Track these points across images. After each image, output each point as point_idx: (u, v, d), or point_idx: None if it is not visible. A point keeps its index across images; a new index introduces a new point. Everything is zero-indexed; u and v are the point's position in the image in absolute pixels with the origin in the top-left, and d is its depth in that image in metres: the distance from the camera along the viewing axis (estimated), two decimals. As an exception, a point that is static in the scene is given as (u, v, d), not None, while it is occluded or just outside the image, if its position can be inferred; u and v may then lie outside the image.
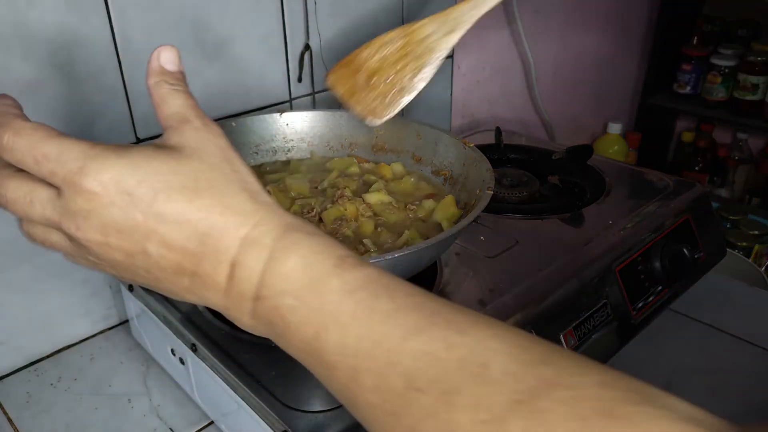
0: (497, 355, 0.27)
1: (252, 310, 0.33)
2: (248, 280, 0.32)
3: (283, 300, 0.31)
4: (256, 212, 0.33)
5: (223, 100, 0.78)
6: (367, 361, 0.29)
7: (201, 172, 0.33)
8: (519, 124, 1.33)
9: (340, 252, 0.32)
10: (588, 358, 0.27)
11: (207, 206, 0.32)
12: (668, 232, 0.74)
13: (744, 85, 1.52)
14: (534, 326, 0.58)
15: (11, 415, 0.64)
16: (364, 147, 0.74)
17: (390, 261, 0.47)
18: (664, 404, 0.24)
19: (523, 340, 0.28)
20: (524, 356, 0.27)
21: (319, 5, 0.82)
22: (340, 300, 0.30)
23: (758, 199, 1.66)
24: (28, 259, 0.67)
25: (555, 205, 0.78)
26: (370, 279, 0.31)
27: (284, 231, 0.33)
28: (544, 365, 0.26)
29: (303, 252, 0.32)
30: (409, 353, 0.28)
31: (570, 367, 0.26)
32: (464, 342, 0.27)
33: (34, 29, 0.60)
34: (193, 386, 0.62)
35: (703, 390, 0.66)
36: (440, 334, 0.28)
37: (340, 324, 0.30)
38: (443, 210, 0.62)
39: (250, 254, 0.32)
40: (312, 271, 0.31)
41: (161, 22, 0.68)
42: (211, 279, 0.33)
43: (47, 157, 0.32)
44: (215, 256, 0.32)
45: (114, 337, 0.75)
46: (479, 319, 0.29)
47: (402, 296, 0.30)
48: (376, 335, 0.29)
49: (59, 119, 0.64)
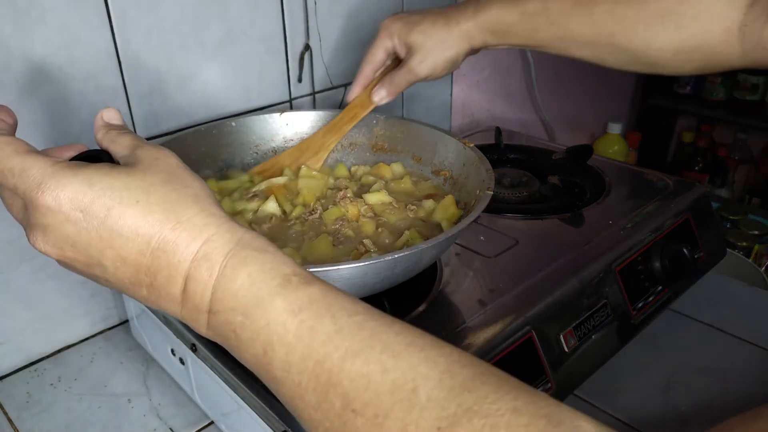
0: (427, 380, 0.28)
1: (207, 322, 0.34)
2: (202, 294, 0.33)
3: (234, 317, 0.32)
4: (207, 227, 0.34)
5: (223, 100, 0.78)
6: (310, 380, 0.30)
7: (153, 187, 0.35)
8: (519, 124, 1.33)
9: (287, 270, 0.33)
10: (509, 379, 0.29)
11: (159, 221, 0.34)
12: (668, 232, 0.74)
13: (744, 85, 1.52)
14: (534, 326, 0.58)
15: (11, 415, 0.64)
16: (364, 147, 0.74)
17: (390, 261, 0.47)
18: (574, 427, 0.26)
19: (453, 365, 0.29)
20: (450, 382, 0.28)
21: (319, 5, 0.82)
22: (284, 320, 0.31)
23: (758, 199, 1.66)
24: (28, 259, 0.67)
25: (555, 205, 0.78)
26: (314, 299, 0.32)
27: (234, 247, 0.34)
28: (467, 392, 0.28)
29: (250, 270, 0.33)
30: (347, 375, 0.29)
31: (489, 395, 0.27)
32: (397, 366, 0.29)
33: (35, 29, 0.60)
34: (193, 386, 0.62)
35: (703, 390, 0.66)
36: (376, 357, 0.29)
37: (285, 344, 0.31)
38: (443, 210, 0.62)
39: (201, 270, 0.33)
40: (258, 290, 0.32)
41: (161, 22, 0.68)
42: (166, 291, 0.34)
43: (12, 172, 0.34)
44: (168, 270, 0.34)
45: (114, 337, 0.75)
46: (415, 341, 0.30)
47: (344, 316, 0.31)
48: (318, 356, 0.30)
49: (59, 119, 0.64)
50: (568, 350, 0.60)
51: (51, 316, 0.71)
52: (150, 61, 0.69)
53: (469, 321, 0.57)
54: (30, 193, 0.34)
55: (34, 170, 0.34)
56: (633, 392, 0.66)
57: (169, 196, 0.35)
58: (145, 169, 0.36)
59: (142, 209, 0.34)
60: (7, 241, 0.64)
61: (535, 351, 0.58)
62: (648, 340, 0.72)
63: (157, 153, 0.37)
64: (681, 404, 0.65)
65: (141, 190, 0.34)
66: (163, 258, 0.33)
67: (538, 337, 0.58)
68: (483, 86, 1.20)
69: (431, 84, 1.05)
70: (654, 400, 0.65)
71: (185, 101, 0.74)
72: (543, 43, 0.65)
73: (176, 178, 0.36)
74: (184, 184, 0.36)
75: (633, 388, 0.67)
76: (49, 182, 0.33)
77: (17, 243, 0.65)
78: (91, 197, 0.33)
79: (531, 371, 0.57)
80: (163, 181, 0.35)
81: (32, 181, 0.34)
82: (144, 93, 0.70)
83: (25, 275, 0.67)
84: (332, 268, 0.46)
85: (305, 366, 0.30)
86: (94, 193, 0.33)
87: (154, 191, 0.34)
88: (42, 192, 0.33)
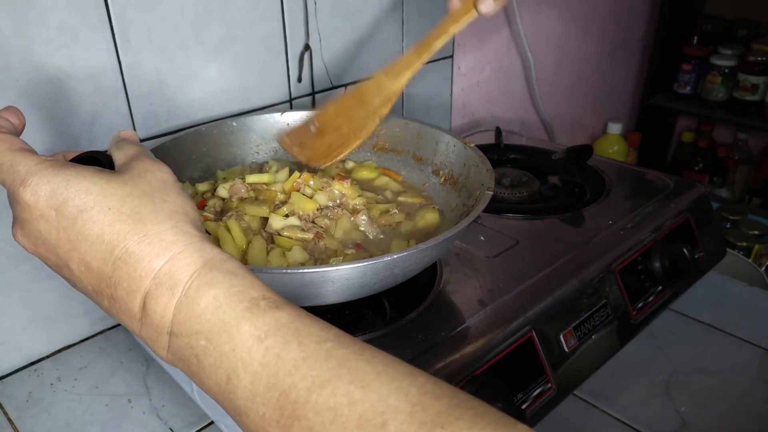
0: (397, 414, 0.27)
1: (168, 344, 0.33)
2: (162, 315, 0.32)
3: (197, 341, 0.31)
4: (174, 244, 0.33)
5: (223, 100, 0.78)
6: (274, 412, 0.29)
7: (130, 197, 0.34)
8: (519, 124, 1.33)
9: (254, 293, 0.32)
10: (487, 411, 0.27)
11: (125, 232, 0.33)
12: (668, 232, 0.74)
13: (744, 85, 1.52)
14: (534, 326, 0.58)
15: (11, 415, 0.64)
16: (365, 146, 0.74)
17: (390, 261, 0.47)
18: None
19: (426, 396, 0.27)
20: (422, 416, 0.26)
21: (319, 5, 0.82)
22: (250, 346, 0.30)
23: (758, 199, 1.66)
24: (28, 259, 0.67)
25: (555, 205, 0.78)
26: (281, 324, 0.30)
27: (201, 267, 0.33)
28: (440, 428, 0.26)
29: (216, 292, 0.31)
30: (313, 408, 0.28)
31: (463, 430, 0.26)
32: (366, 398, 0.27)
33: (35, 29, 0.60)
34: (193, 386, 0.62)
35: (703, 390, 0.66)
36: (344, 388, 0.28)
37: (250, 372, 0.30)
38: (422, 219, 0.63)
39: (163, 288, 0.32)
40: (223, 314, 0.31)
41: (161, 22, 0.68)
42: (125, 306, 0.33)
43: (2, 167, 0.35)
44: (128, 283, 0.33)
45: (114, 337, 0.75)
46: (386, 369, 0.29)
47: (312, 342, 0.30)
48: (284, 386, 0.29)
49: (59, 119, 0.64)
50: (568, 350, 0.60)
51: (51, 315, 0.71)
52: (150, 61, 0.69)
53: (469, 321, 0.57)
54: (13, 186, 0.35)
55: (21, 166, 0.35)
56: (633, 392, 0.66)
57: (143, 208, 0.34)
58: (128, 179, 0.36)
59: (111, 217, 0.33)
60: (7, 241, 0.64)
61: (535, 351, 0.58)
62: (648, 340, 0.72)
63: (150, 166, 0.37)
64: (681, 404, 0.65)
65: (116, 198, 0.34)
66: (124, 270, 0.33)
67: (538, 337, 0.58)
68: (483, 86, 1.20)
69: (431, 84, 1.06)
70: (654, 400, 0.65)
71: (185, 101, 0.74)
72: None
73: (158, 192, 0.36)
74: (164, 198, 0.35)
75: (633, 388, 0.67)
76: (31, 179, 0.34)
77: (17, 243, 0.65)
78: (66, 197, 0.34)
79: (531, 371, 0.57)
80: (142, 193, 0.35)
81: (17, 176, 0.35)
82: (144, 93, 0.70)
83: (25, 275, 0.67)
84: (331, 268, 0.46)
85: (270, 397, 0.29)
86: (69, 194, 0.34)
87: (129, 201, 0.34)
88: (24, 187, 0.34)
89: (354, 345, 0.30)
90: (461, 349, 0.54)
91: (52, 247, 0.35)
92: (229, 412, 0.32)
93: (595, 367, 0.63)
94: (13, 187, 0.35)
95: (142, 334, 0.34)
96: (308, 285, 0.48)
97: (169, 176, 0.38)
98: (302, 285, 0.48)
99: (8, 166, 0.35)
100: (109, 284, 0.33)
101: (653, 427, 0.62)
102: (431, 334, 0.55)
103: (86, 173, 0.35)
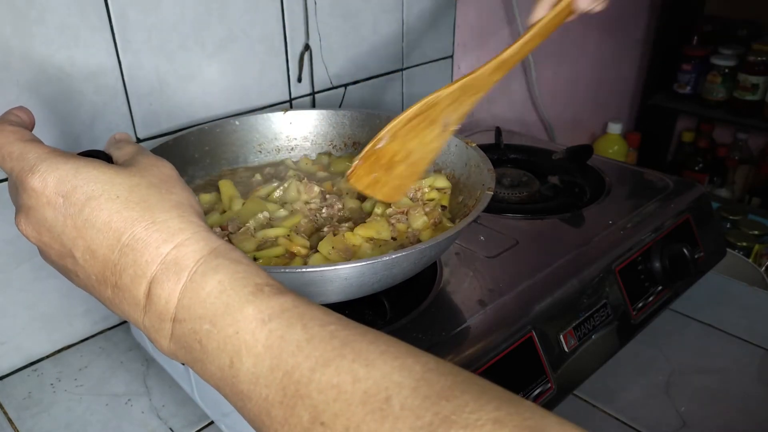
0: (401, 389, 0.27)
1: (171, 332, 0.33)
2: (167, 300, 0.32)
3: (201, 325, 0.31)
4: (182, 231, 0.34)
5: (223, 100, 0.78)
6: (278, 393, 0.29)
7: (137, 187, 0.35)
8: (519, 124, 1.33)
9: (258, 280, 0.32)
10: (492, 388, 0.27)
11: (133, 218, 0.34)
12: (668, 232, 0.74)
13: (744, 85, 1.52)
14: (534, 326, 0.58)
15: (11, 415, 0.64)
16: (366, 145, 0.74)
17: (388, 261, 0.47)
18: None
19: (431, 373, 0.28)
20: (427, 390, 0.26)
21: (319, 5, 0.82)
22: (254, 328, 0.30)
23: (758, 199, 1.66)
24: (28, 259, 0.67)
25: (555, 205, 0.78)
26: (285, 308, 0.31)
27: (207, 255, 0.33)
28: (445, 401, 0.26)
29: (221, 277, 0.32)
30: (317, 386, 0.28)
31: (469, 403, 0.26)
32: (370, 375, 0.27)
33: (35, 29, 0.60)
34: (193, 386, 0.62)
35: (703, 390, 0.66)
36: (348, 366, 0.28)
37: (253, 354, 0.30)
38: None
39: (169, 273, 0.33)
40: (228, 298, 0.31)
41: (161, 22, 0.68)
42: (130, 293, 0.34)
43: (11, 156, 0.36)
44: (134, 269, 0.33)
45: (114, 337, 0.75)
46: (389, 349, 0.29)
47: (316, 325, 0.30)
48: (287, 366, 0.29)
49: (59, 119, 0.64)
50: (568, 350, 0.60)
51: (51, 315, 0.71)
52: (150, 61, 0.69)
53: (469, 321, 0.57)
54: (22, 174, 0.35)
55: (30, 154, 0.35)
56: (633, 392, 0.66)
57: (150, 197, 0.35)
58: (135, 171, 0.36)
59: (119, 204, 0.34)
60: (7, 241, 0.64)
61: (535, 351, 0.58)
62: (648, 340, 0.72)
63: (155, 161, 0.38)
64: (681, 404, 0.65)
65: (124, 187, 0.35)
66: (130, 256, 0.33)
67: (538, 337, 0.58)
68: (483, 86, 1.20)
69: (431, 84, 1.06)
70: (654, 400, 0.65)
71: (185, 101, 0.74)
72: None
73: (164, 185, 0.37)
74: (171, 191, 0.36)
75: (633, 388, 0.67)
76: (40, 165, 0.35)
77: (17, 243, 0.65)
78: (74, 184, 0.34)
79: (531, 371, 0.57)
80: (149, 184, 0.36)
81: (26, 164, 0.35)
82: (144, 93, 0.70)
83: (26, 275, 0.67)
84: (330, 268, 0.46)
85: (273, 378, 0.29)
86: (78, 181, 0.34)
87: (137, 191, 0.35)
88: (32, 174, 0.35)
89: (356, 327, 0.31)
90: (461, 349, 0.54)
91: (57, 234, 0.35)
92: (230, 398, 0.32)
93: (595, 367, 0.63)
94: (22, 174, 0.35)
95: (144, 323, 0.34)
96: (307, 284, 0.48)
97: (173, 171, 0.39)
98: (302, 284, 0.48)
99: (18, 154, 0.36)
100: (114, 271, 0.34)
101: (653, 427, 0.62)
102: (431, 334, 0.55)
103: (95, 163, 0.36)
